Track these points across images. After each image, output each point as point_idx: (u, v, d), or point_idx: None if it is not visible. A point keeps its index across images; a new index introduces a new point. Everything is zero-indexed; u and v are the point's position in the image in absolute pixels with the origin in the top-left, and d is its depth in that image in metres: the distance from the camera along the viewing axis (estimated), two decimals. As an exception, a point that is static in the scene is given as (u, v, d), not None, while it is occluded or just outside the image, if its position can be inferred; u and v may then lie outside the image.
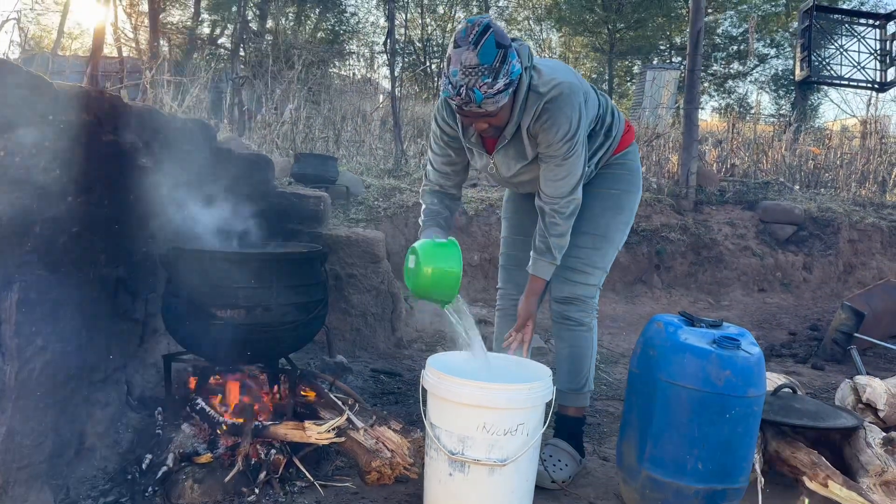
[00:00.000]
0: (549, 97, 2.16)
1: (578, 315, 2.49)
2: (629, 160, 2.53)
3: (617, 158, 2.50)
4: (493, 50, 2.01)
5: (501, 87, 2.04)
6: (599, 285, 2.53)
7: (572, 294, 2.48)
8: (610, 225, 2.48)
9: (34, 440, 1.89)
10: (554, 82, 2.17)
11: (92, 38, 4.68)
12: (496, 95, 2.05)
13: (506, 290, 2.74)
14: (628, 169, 2.52)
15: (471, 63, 2.00)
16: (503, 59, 2.03)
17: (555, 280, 2.51)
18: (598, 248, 2.47)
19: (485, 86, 2.02)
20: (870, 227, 6.77)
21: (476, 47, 2.00)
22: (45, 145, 1.85)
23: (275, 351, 2.44)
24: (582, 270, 2.47)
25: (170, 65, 7.71)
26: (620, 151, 2.51)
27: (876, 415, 2.81)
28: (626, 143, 2.52)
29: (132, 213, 2.44)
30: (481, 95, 2.03)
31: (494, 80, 2.02)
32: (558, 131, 2.18)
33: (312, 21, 19.72)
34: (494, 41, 2.01)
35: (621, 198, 2.50)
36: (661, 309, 5.74)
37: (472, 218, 5.68)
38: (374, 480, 2.30)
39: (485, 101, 2.05)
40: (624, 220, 2.52)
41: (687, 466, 2.05)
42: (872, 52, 8.76)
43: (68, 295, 2.00)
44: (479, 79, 2.01)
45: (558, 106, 2.16)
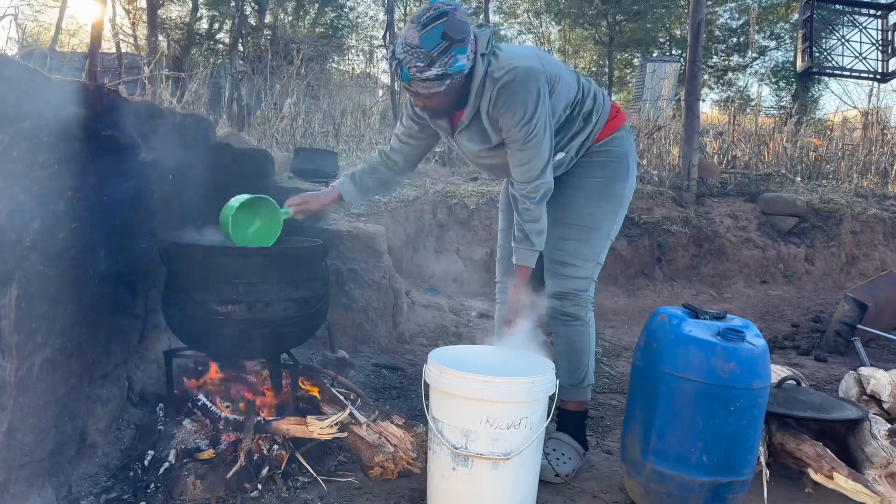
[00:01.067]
0: (502, 82, 2.16)
1: (573, 310, 2.47)
2: (614, 147, 2.46)
3: (600, 146, 2.45)
4: (437, 39, 2.05)
5: (432, 76, 2.08)
6: (594, 277, 2.50)
7: (565, 289, 2.45)
8: (596, 214, 2.44)
9: (35, 437, 1.88)
10: (508, 67, 2.17)
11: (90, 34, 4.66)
12: (426, 81, 2.10)
13: (504, 283, 2.72)
14: (614, 156, 2.46)
15: (412, 42, 2.07)
16: (444, 51, 2.06)
17: (547, 275, 2.49)
18: (585, 239, 2.43)
19: (415, 68, 2.07)
20: (872, 219, 6.75)
21: (422, 30, 2.06)
22: (44, 140, 1.83)
23: (276, 346, 2.42)
24: (571, 264, 2.44)
25: (168, 60, 7.69)
26: (605, 138, 2.45)
27: (880, 406, 2.80)
28: (611, 130, 2.46)
29: (131, 209, 2.42)
30: (409, 75, 2.10)
31: (427, 67, 2.07)
32: (514, 115, 2.18)
33: (311, 16, 19.66)
34: (442, 31, 2.04)
35: (607, 185, 2.45)
36: (663, 302, 5.73)
37: (473, 212, 5.66)
38: (377, 475, 2.30)
39: (413, 82, 2.11)
40: (611, 209, 2.46)
41: (692, 459, 2.04)
42: (874, 43, 8.71)
43: (68, 291, 1.99)
44: (413, 59, 2.07)
45: (512, 90, 2.16)
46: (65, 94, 1.96)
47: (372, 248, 4.03)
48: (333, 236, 3.91)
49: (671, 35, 21.40)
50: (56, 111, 1.89)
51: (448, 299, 4.94)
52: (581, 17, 20.76)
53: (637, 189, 6.41)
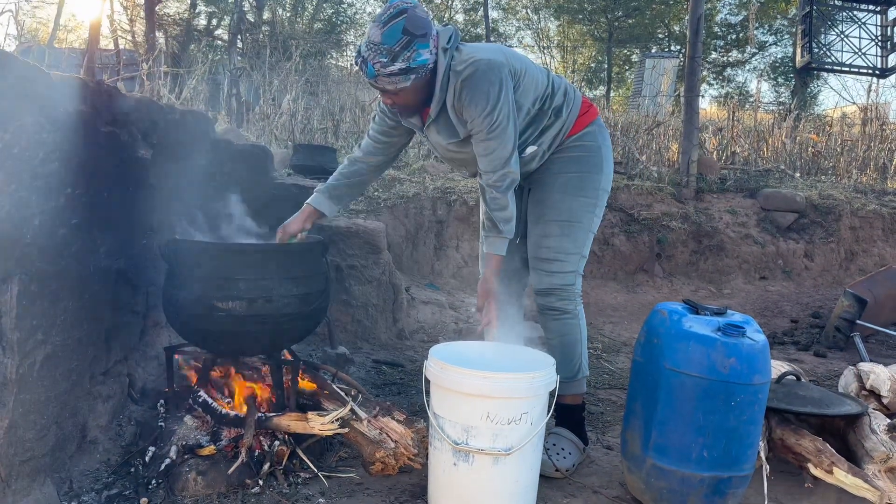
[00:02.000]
0: (464, 75, 2.22)
1: (561, 304, 2.49)
2: (587, 141, 2.48)
3: (573, 140, 2.47)
4: (398, 35, 2.12)
5: (396, 71, 2.15)
6: (579, 270, 2.51)
7: (551, 285, 2.47)
8: (574, 208, 2.45)
9: (36, 433, 1.88)
10: (470, 60, 2.23)
11: (88, 31, 4.65)
12: (391, 76, 2.16)
13: None
14: (587, 150, 2.48)
15: (374, 39, 2.15)
16: (406, 46, 2.13)
17: (532, 273, 2.53)
18: (566, 234, 2.46)
19: (378, 64, 2.14)
20: (871, 214, 6.75)
21: (383, 27, 2.13)
22: (43, 137, 1.83)
23: (277, 342, 2.42)
24: (555, 259, 2.46)
25: (167, 56, 7.68)
26: (577, 132, 2.47)
27: (880, 401, 2.81)
28: (583, 124, 2.48)
29: (131, 205, 2.42)
30: (373, 72, 2.16)
31: (390, 62, 2.14)
32: (477, 106, 2.22)
33: (309, 12, 19.64)
34: (402, 27, 2.12)
35: (582, 179, 2.47)
36: (662, 298, 5.73)
37: (473, 208, 5.66)
38: (378, 471, 2.30)
39: (378, 79, 2.18)
40: (589, 202, 2.48)
41: (692, 454, 2.05)
42: (873, 38, 8.71)
43: (68, 288, 1.99)
44: (376, 56, 2.14)
45: (474, 82, 2.21)
46: (65, 90, 1.95)
47: (371, 245, 4.03)
48: (333, 233, 3.91)
49: (670, 31, 21.39)
50: (56, 108, 1.89)
51: (448, 295, 4.95)
52: (580, 13, 20.76)
53: (636, 185, 6.44)
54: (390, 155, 2.67)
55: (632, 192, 6.27)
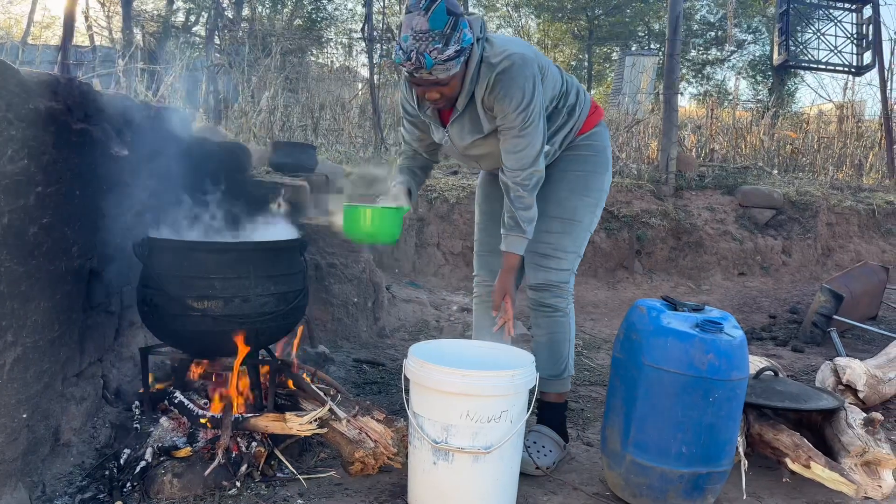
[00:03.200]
0: (500, 68, 2.16)
1: (554, 301, 2.48)
2: (595, 141, 2.50)
3: (582, 139, 2.48)
4: (444, 16, 2.03)
5: (452, 55, 2.06)
6: (573, 269, 2.52)
7: (546, 280, 2.46)
8: (578, 207, 2.46)
9: (7, 437, 1.84)
10: (506, 53, 2.18)
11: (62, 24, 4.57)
12: (447, 62, 2.06)
13: (481, 277, 2.72)
14: (594, 150, 2.49)
15: (421, 28, 2.03)
16: (454, 27, 2.04)
17: (528, 267, 2.50)
18: (567, 232, 2.46)
19: (435, 51, 2.04)
20: (847, 211, 6.83)
21: (427, 13, 2.02)
22: (13, 134, 1.79)
23: (254, 342, 2.40)
24: (553, 256, 2.45)
25: (143, 53, 7.58)
26: (586, 132, 2.49)
27: (856, 396, 2.84)
28: (591, 124, 2.50)
29: (105, 204, 2.38)
30: (431, 61, 2.05)
31: (445, 47, 2.04)
32: (511, 101, 2.18)
33: (289, 8, 19.50)
34: (445, 7, 2.03)
35: (588, 179, 2.48)
36: (642, 294, 5.76)
37: (454, 206, 5.65)
38: (358, 471, 2.28)
39: (435, 67, 2.06)
40: (592, 202, 2.49)
41: (671, 450, 2.05)
42: (849, 37, 8.82)
43: (39, 288, 1.95)
44: (429, 44, 2.03)
45: (511, 76, 2.16)
46: (36, 86, 1.91)
47: (351, 243, 4.01)
48: (312, 230, 3.88)
49: (650, 29, 21.50)
50: (27, 104, 1.85)
51: (429, 293, 4.93)
52: (560, 11, 20.80)
53: (616, 182, 6.46)
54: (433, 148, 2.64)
55: (612, 190, 6.27)
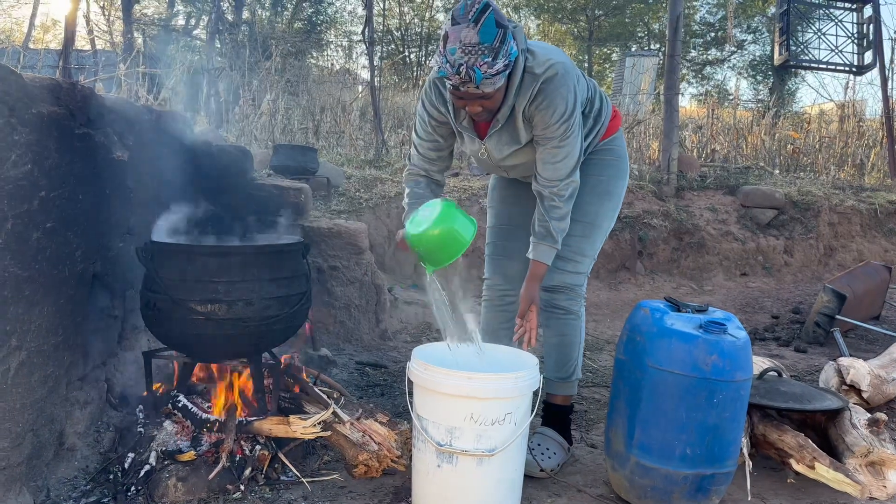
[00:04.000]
0: (545, 77, 2.13)
1: (567, 303, 2.48)
2: (616, 146, 2.51)
3: (605, 144, 2.49)
4: (494, 29, 1.96)
5: (500, 68, 2.00)
6: (588, 273, 2.52)
7: (561, 283, 2.46)
8: (599, 212, 2.47)
9: (11, 441, 1.84)
10: (549, 63, 2.14)
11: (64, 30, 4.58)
12: (495, 77, 2.00)
13: (493, 281, 2.70)
14: (616, 155, 2.51)
15: (471, 41, 1.95)
16: (503, 40, 1.98)
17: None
18: (587, 235, 2.46)
19: (485, 65, 1.96)
20: (849, 210, 6.82)
21: (476, 25, 1.95)
22: (16, 139, 1.80)
23: (257, 345, 2.40)
24: (571, 259, 2.45)
25: (144, 57, 7.58)
26: (608, 137, 2.49)
27: (860, 396, 2.83)
28: (613, 129, 2.50)
29: (108, 208, 2.38)
30: (481, 75, 1.97)
31: (494, 60, 1.97)
32: (555, 112, 2.15)
33: (289, 11, 19.52)
34: (494, 20, 1.97)
35: (610, 184, 2.49)
36: (644, 295, 5.76)
37: (455, 207, 5.65)
38: (362, 474, 2.28)
39: (484, 82, 2.00)
40: (612, 207, 2.51)
41: (675, 452, 2.05)
42: (850, 36, 8.81)
43: (43, 292, 1.95)
44: (479, 58, 1.95)
45: (555, 86, 2.14)
46: (39, 91, 1.92)
47: (353, 245, 4.01)
48: (314, 234, 3.89)
49: (650, 29, 21.52)
50: (30, 109, 1.86)
51: (431, 295, 4.92)
52: (560, 12, 20.82)
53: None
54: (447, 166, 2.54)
55: (613, 191, 6.28)
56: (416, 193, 2.45)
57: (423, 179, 2.48)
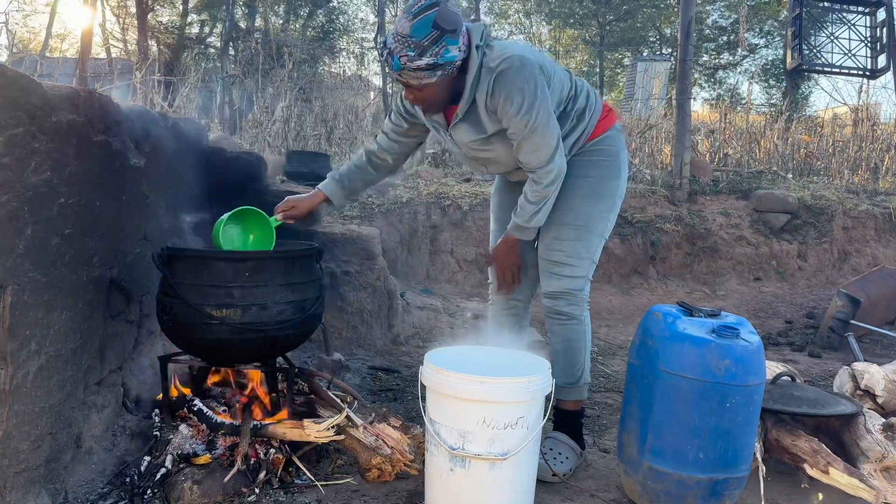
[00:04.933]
0: (499, 70, 2.19)
1: (569, 309, 2.48)
2: (607, 145, 2.48)
3: (593, 144, 2.47)
4: (427, 28, 2.07)
5: (423, 66, 2.10)
6: (589, 276, 2.51)
7: (561, 288, 2.46)
8: (591, 214, 2.45)
9: (31, 444, 1.87)
10: (503, 56, 2.20)
11: (80, 40, 4.65)
12: (416, 71, 2.11)
13: (496, 285, 2.72)
14: (606, 154, 2.47)
15: (402, 32, 2.09)
16: (435, 41, 2.08)
17: (542, 275, 2.50)
18: (581, 238, 2.45)
19: (405, 57, 2.09)
20: (863, 214, 6.78)
21: (413, 19, 2.08)
22: (36, 146, 1.83)
23: (271, 350, 2.42)
24: (568, 264, 2.45)
25: (160, 65, 7.66)
26: (597, 136, 2.47)
27: (874, 401, 2.81)
28: (603, 129, 2.48)
29: (125, 214, 2.42)
30: (399, 65, 2.11)
31: (418, 57, 2.09)
32: (513, 103, 2.19)
33: (302, 19, 19.64)
34: (432, 20, 2.07)
35: (601, 184, 2.46)
36: (657, 300, 5.74)
37: (467, 213, 5.67)
38: (375, 478, 2.29)
39: (403, 72, 2.13)
40: (605, 208, 2.48)
41: (688, 456, 2.05)
42: (863, 40, 8.77)
43: (62, 297, 1.98)
44: (403, 48, 2.09)
45: (509, 78, 2.18)
46: (57, 99, 1.95)
47: (366, 251, 4.03)
48: (327, 239, 3.91)
49: (661, 34, 21.47)
50: (48, 117, 1.89)
51: (443, 300, 4.95)
52: (571, 18, 20.82)
53: (630, 188, 6.45)
54: (403, 154, 2.65)
55: (625, 195, 6.27)
56: (348, 166, 2.67)
57: (370, 158, 2.65)
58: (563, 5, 20.30)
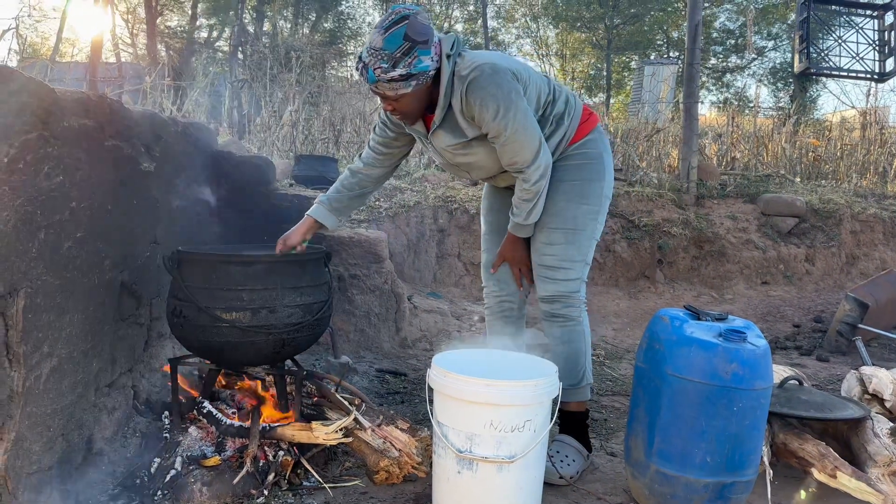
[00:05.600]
0: (470, 79, 2.23)
1: (566, 311, 2.49)
2: (589, 149, 2.50)
3: (575, 148, 2.49)
4: (399, 41, 2.14)
5: (397, 77, 2.15)
6: (583, 278, 2.53)
7: (555, 292, 2.48)
8: (577, 216, 2.47)
9: (43, 446, 1.89)
10: (474, 64, 2.24)
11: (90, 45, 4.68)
12: (391, 82, 2.17)
13: (489, 289, 2.75)
14: (589, 157, 2.50)
15: (376, 45, 2.16)
16: (406, 52, 2.15)
17: (537, 280, 2.53)
18: (571, 241, 2.47)
19: (379, 69, 2.15)
20: (871, 218, 6.76)
21: (384, 33, 2.14)
22: (49, 151, 1.85)
23: (280, 352, 2.43)
24: (560, 267, 2.47)
25: (169, 69, 7.71)
26: (579, 140, 2.49)
27: (882, 405, 2.81)
28: (584, 132, 2.50)
29: (135, 218, 2.44)
30: (374, 77, 2.17)
31: (391, 68, 2.15)
32: (488, 110, 2.23)
33: (310, 23, 19.72)
34: (403, 33, 2.14)
35: (584, 187, 2.48)
36: (664, 304, 5.74)
37: (474, 216, 5.67)
38: (383, 480, 2.31)
39: (378, 83, 2.18)
40: (592, 209, 2.50)
41: (695, 460, 2.05)
42: (871, 43, 8.73)
43: (74, 300, 2.00)
44: (377, 61, 2.15)
45: (480, 85, 2.22)
46: (68, 104, 1.97)
47: (373, 254, 4.05)
48: (335, 242, 3.93)
49: (669, 37, 21.46)
50: (60, 122, 1.91)
51: (450, 304, 4.96)
52: (578, 21, 20.85)
53: (637, 191, 6.46)
54: (390, 166, 2.69)
55: (632, 199, 6.28)
56: (337, 187, 2.67)
57: (355, 174, 2.67)
58: (571, 8, 20.31)
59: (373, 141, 2.64)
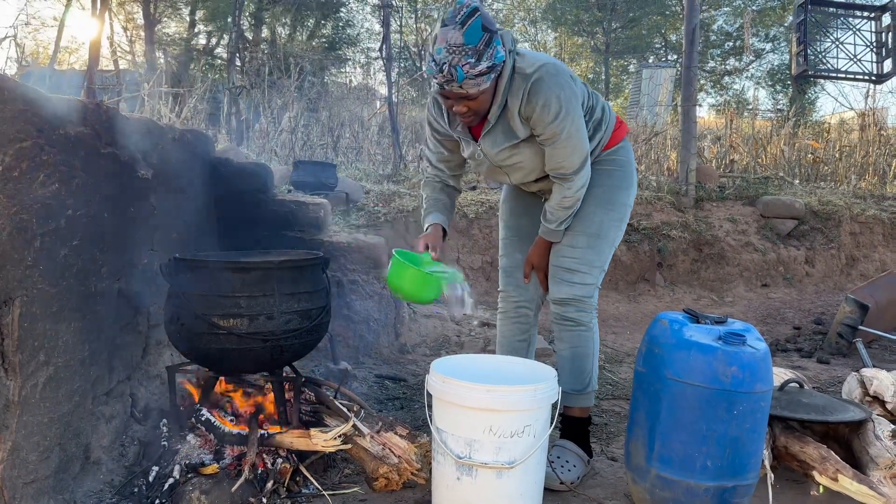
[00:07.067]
0: (535, 77, 2.20)
1: (577, 315, 2.48)
2: (620, 156, 2.53)
3: (608, 154, 2.51)
4: (479, 32, 2.07)
5: (484, 70, 2.09)
6: (598, 284, 2.52)
7: (570, 295, 2.47)
8: (604, 222, 2.48)
9: (39, 455, 1.88)
10: (538, 63, 2.22)
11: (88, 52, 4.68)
12: (477, 77, 2.10)
13: (507, 293, 2.73)
14: (619, 164, 2.52)
15: (456, 42, 2.05)
16: (487, 43, 2.08)
17: (552, 282, 2.51)
18: (592, 246, 2.47)
19: (467, 65, 2.06)
20: (871, 219, 6.75)
21: (462, 27, 2.06)
22: (45, 159, 1.85)
23: (278, 359, 2.43)
24: (579, 270, 2.46)
25: (167, 76, 7.72)
26: (611, 147, 2.51)
27: (884, 407, 2.80)
28: (617, 139, 2.52)
29: (132, 225, 2.44)
30: (463, 74, 2.08)
31: (477, 62, 2.07)
32: (550, 110, 2.21)
33: (308, 29, 19.75)
34: (481, 24, 2.07)
35: (613, 194, 2.49)
36: (664, 307, 5.73)
37: (473, 221, 5.67)
38: (382, 487, 2.30)
39: (466, 81, 2.09)
40: (617, 217, 2.51)
41: (696, 464, 2.04)
42: (868, 45, 8.76)
43: (70, 308, 1.99)
44: (462, 58, 2.06)
45: (546, 85, 2.20)
46: (65, 112, 1.97)
47: (372, 260, 4.04)
48: (334, 248, 3.92)
49: (667, 40, 21.49)
50: (58, 130, 1.91)
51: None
52: (577, 25, 20.87)
53: (636, 195, 6.45)
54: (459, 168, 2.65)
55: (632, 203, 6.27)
56: (431, 198, 2.61)
57: (439, 184, 2.63)
58: (569, 13, 20.35)
59: (431, 159, 2.60)
